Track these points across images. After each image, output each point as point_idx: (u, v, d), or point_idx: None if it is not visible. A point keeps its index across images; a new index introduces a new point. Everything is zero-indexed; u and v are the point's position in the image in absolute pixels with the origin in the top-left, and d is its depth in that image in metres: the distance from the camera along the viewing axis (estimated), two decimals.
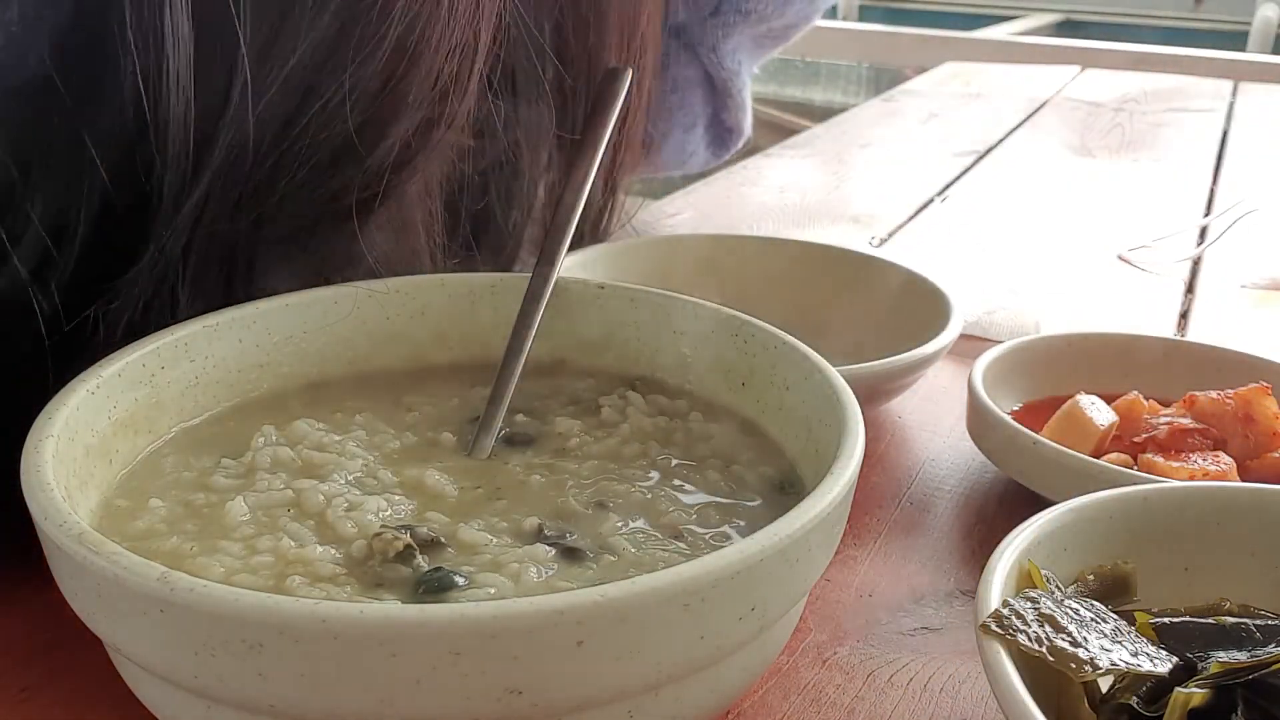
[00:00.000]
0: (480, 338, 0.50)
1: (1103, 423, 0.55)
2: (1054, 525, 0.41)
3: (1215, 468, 0.51)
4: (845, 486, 0.36)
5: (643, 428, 0.45)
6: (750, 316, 0.47)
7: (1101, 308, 0.85)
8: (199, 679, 0.31)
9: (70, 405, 0.39)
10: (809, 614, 0.46)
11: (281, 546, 0.37)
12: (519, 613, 0.29)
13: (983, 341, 0.66)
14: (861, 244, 0.96)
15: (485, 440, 0.44)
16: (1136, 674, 0.34)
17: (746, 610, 0.32)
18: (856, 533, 0.52)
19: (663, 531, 0.39)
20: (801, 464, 0.43)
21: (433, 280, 0.51)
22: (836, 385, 0.41)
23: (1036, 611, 0.36)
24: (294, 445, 0.43)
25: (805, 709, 0.41)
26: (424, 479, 0.41)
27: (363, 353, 0.49)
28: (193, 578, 0.30)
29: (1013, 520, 0.41)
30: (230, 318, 0.46)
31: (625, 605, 0.30)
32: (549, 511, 0.40)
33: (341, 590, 0.35)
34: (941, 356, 0.61)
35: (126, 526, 0.38)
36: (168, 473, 0.42)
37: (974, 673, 0.43)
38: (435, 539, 0.38)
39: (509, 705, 0.30)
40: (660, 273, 0.70)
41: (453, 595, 0.35)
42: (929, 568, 0.50)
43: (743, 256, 0.73)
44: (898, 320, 0.67)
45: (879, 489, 0.57)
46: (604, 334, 0.50)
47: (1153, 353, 0.63)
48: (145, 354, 0.43)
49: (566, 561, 0.37)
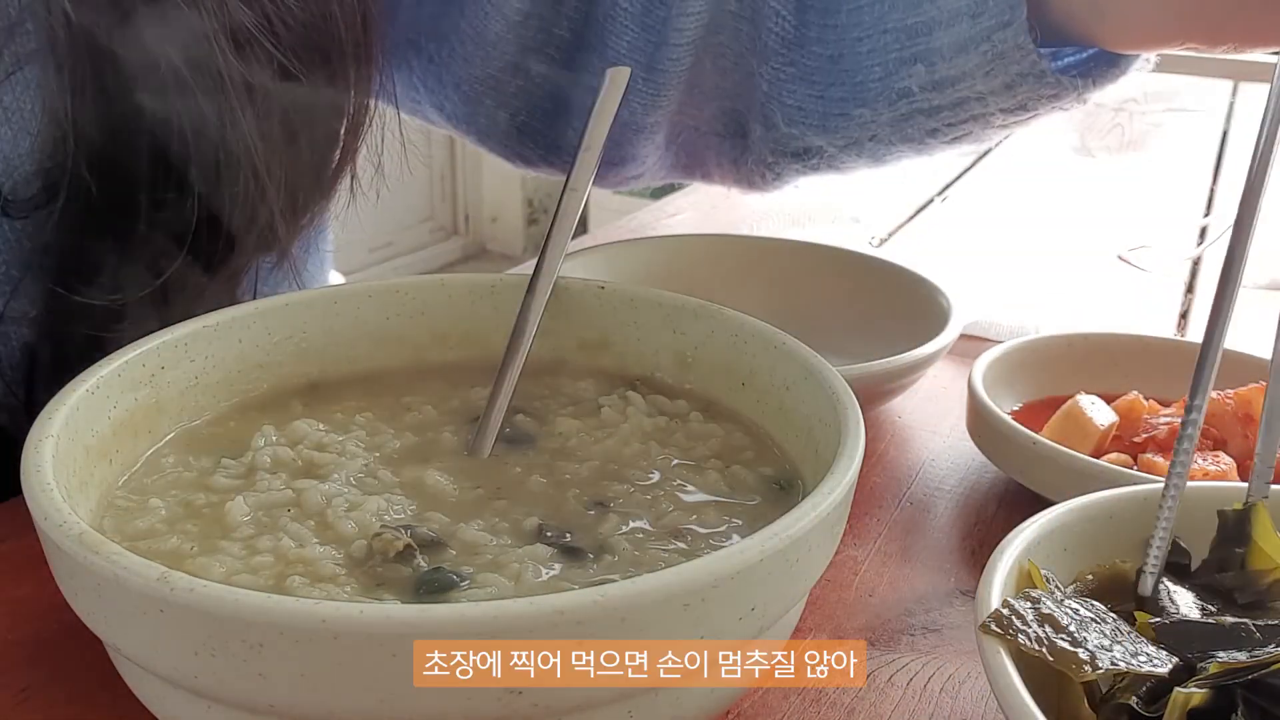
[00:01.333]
0: (480, 338, 0.50)
1: (1103, 423, 0.55)
2: (1054, 525, 0.41)
3: (1215, 468, 0.51)
4: (845, 486, 0.35)
5: (643, 428, 0.45)
6: (750, 316, 0.47)
7: (1101, 308, 0.85)
8: (199, 679, 0.31)
9: (70, 405, 0.39)
10: (809, 614, 0.46)
11: (281, 546, 0.37)
12: (519, 613, 0.29)
13: (983, 341, 0.66)
14: (861, 244, 0.96)
15: (485, 440, 0.44)
16: (1136, 674, 0.34)
17: (746, 610, 0.32)
18: (856, 533, 0.52)
19: (663, 531, 0.39)
20: (801, 464, 0.43)
21: (433, 280, 0.51)
22: (836, 385, 0.41)
23: (1036, 611, 0.36)
24: (294, 445, 0.43)
25: (805, 709, 0.41)
26: (424, 479, 0.41)
27: (363, 353, 0.49)
28: (193, 578, 0.30)
29: (1013, 520, 0.41)
30: (230, 317, 0.46)
31: (625, 605, 0.30)
32: (549, 511, 0.40)
33: (341, 590, 0.35)
34: (941, 356, 0.61)
35: (126, 526, 0.38)
36: (168, 473, 0.42)
37: (974, 673, 0.43)
38: (435, 539, 0.38)
39: (509, 705, 0.30)
40: (660, 273, 0.70)
41: (453, 595, 0.35)
42: (929, 568, 0.50)
43: (743, 256, 0.73)
44: (898, 320, 0.67)
45: (879, 489, 0.57)
46: (604, 334, 0.50)
47: (1153, 353, 0.63)
48: (145, 354, 0.43)
49: (566, 561, 0.37)
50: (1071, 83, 0.55)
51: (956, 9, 0.53)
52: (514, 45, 0.61)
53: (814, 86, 0.58)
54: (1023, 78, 0.54)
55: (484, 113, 0.64)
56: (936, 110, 0.56)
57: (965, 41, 0.53)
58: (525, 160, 0.68)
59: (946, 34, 0.54)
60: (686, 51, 0.59)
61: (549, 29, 0.61)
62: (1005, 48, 0.52)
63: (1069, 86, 0.55)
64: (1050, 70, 0.54)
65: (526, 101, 0.64)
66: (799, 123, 0.60)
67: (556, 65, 0.62)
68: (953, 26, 0.53)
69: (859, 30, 0.56)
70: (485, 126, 0.66)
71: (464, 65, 0.62)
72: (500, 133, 0.66)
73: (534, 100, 0.64)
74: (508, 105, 0.64)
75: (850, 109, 0.58)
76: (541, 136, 0.65)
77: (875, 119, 0.58)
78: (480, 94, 0.63)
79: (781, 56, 0.58)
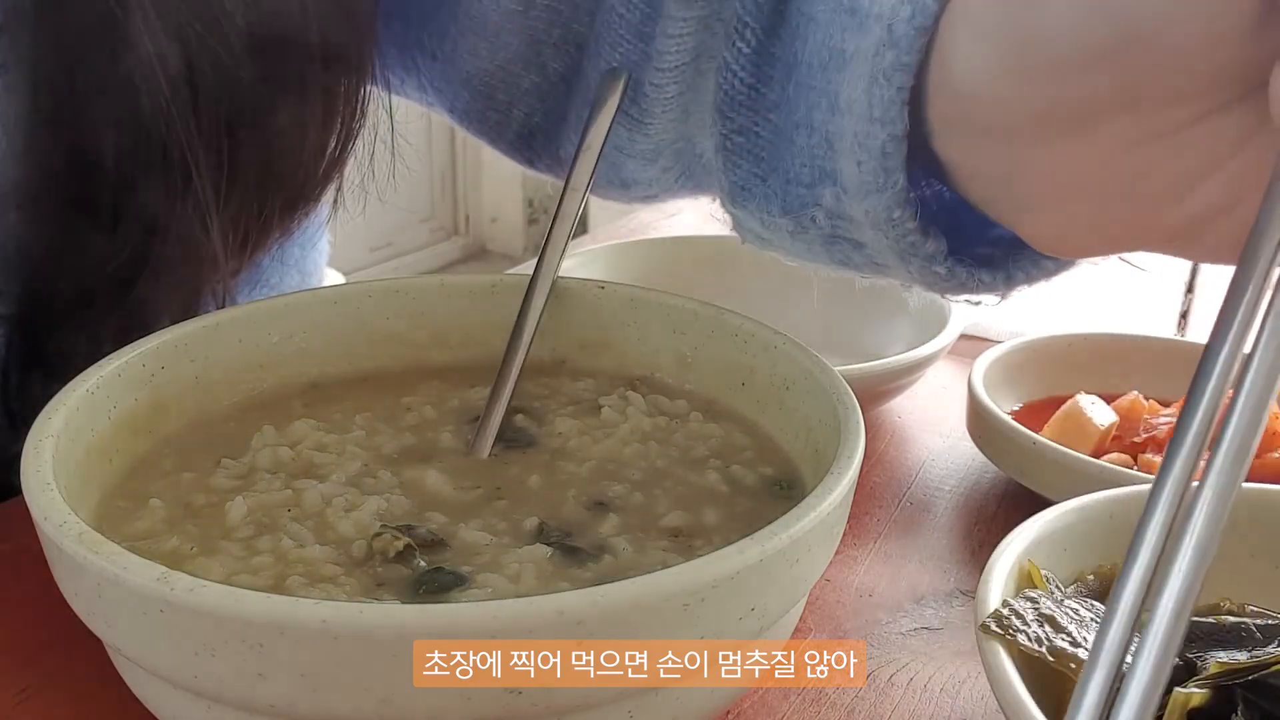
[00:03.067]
0: (480, 338, 0.50)
1: (1103, 423, 0.55)
2: (1054, 525, 0.41)
3: None
4: (845, 486, 0.35)
5: (642, 428, 0.45)
6: (751, 316, 0.47)
7: (1101, 308, 0.85)
8: (199, 679, 0.31)
9: (70, 405, 0.39)
10: (809, 614, 0.46)
11: (281, 547, 0.37)
12: (519, 613, 0.29)
13: (983, 341, 0.66)
14: None
15: (485, 440, 0.44)
16: None
17: (746, 610, 0.32)
18: (856, 533, 0.52)
19: (663, 531, 0.39)
20: (801, 464, 0.43)
21: (433, 280, 0.51)
22: (836, 385, 0.41)
23: (1036, 611, 0.36)
24: (294, 445, 0.43)
25: (805, 709, 0.41)
26: (424, 479, 0.41)
27: (363, 353, 0.49)
28: (193, 578, 0.30)
29: (1013, 520, 0.41)
30: (230, 317, 0.46)
31: (625, 605, 0.30)
32: (549, 511, 0.40)
33: (341, 590, 0.35)
34: (941, 356, 0.61)
35: (126, 526, 0.38)
36: (168, 473, 0.42)
37: (974, 673, 0.43)
38: (435, 539, 0.38)
39: (509, 705, 0.30)
40: (660, 273, 0.70)
41: (452, 595, 0.35)
42: (929, 568, 0.50)
43: (743, 256, 0.73)
44: (898, 320, 0.67)
45: (879, 489, 0.57)
46: (604, 334, 0.50)
47: (1153, 353, 0.63)
48: (145, 354, 0.43)
49: (566, 561, 0.37)
50: (983, 278, 0.42)
51: (848, 136, 0.40)
52: (521, 36, 0.60)
53: (759, 165, 0.47)
54: (910, 256, 0.41)
55: (496, 108, 0.64)
56: (859, 246, 0.44)
57: (858, 186, 0.40)
58: (532, 161, 0.67)
59: (846, 165, 0.41)
60: (671, 78, 0.52)
61: (565, 23, 0.59)
62: (880, 218, 0.40)
63: (982, 283, 0.42)
64: (937, 256, 0.41)
65: (541, 100, 0.63)
66: (741, 205, 0.49)
67: (572, 61, 0.60)
68: (847, 159, 0.41)
69: (796, 115, 0.44)
70: (497, 122, 0.65)
71: (471, 58, 0.61)
72: (513, 131, 0.65)
73: (549, 99, 0.63)
74: (522, 102, 0.63)
75: (776, 215, 0.47)
76: (549, 140, 0.65)
77: (805, 231, 0.46)
78: (492, 88, 0.63)
79: (730, 121, 0.48)
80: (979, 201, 0.40)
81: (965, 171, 0.39)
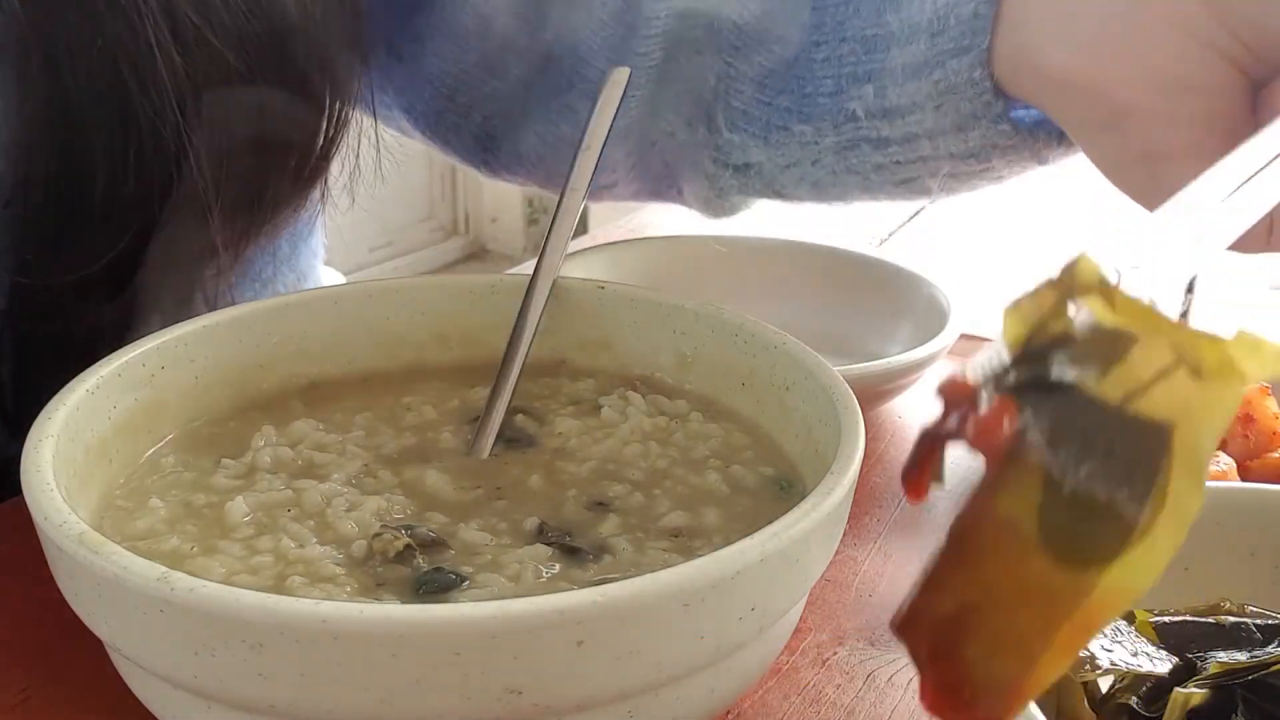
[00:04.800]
0: (480, 338, 0.50)
1: None
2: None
3: (1215, 468, 0.51)
4: (845, 486, 0.35)
5: (642, 428, 0.45)
6: (750, 316, 0.47)
7: None
8: (199, 679, 0.31)
9: (70, 405, 0.39)
10: (809, 614, 0.46)
11: (281, 546, 0.37)
12: (519, 613, 0.29)
13: (983, 341, 0.66)
14: (861, 244, 0.96)
15: (485, 440, 0.44)
16: (1136, 674, 0.34)
17: (746, 610, 0.32)
18: (856, 533, 0.52)
19: (663, 531, 0.39)
20: (801, 464, 0.43)
21: (433, 280, 0.51)
22: (836, 385, 0.41)
23: None
24: (294, 445, 0.43)
25: (805, 709, 0.41)
26: (424, 479, 0.41)
27: (363, 353, 0.49)
28: (193, 578, 0.30)
29: None
30: (230, 317, 0.46)
31: (625, 605, 0.30)
32: (549, 512, 0.40)
33: (341, 590, 0.35)
34: (941, 356, 0.61)
35: (126, 526, 0.38)
36: (168, 473, 0.42)
37: None
38: (435, 539, 0.38)
39: (509, 705, 0.30)
40: (660, 273, 0.70)
41: (453, 595, 0.35)
42: None
43: (743, 256, 0.73)
44: (898, 320, 0.67)
45: (879, 489, 0.57)
46: (604, 334, 0.50)
47: None
48: (145, 354, 0.43)
49: (566, 561, 0.37)
50: (1029, 135, 0.50)
51: (917, 23, 0.50)
52: (490, 41, 0.60)
53: (763, 91, 0.55)
54: (974, 119, 0.49)
55: (455, 110, 0.64)
56: (884, 143, 0.52)
57: (919, 65, 0.49)
58: (489, 167, 0.67)
59: (902, 53, 0.50)
60: (657, 43, 0.56)
61: (533, 32, 0.60)
62: (958, 80, 0.48)
63: (1026, 139, 0.50)
64: (1004, 115, 0.49)
65: (499, 105, 0.63)
66: (741, 129, 0.56)
67: (535, 68, 0.61)
68: (910, 44, 0.50)
69: (819, 34, 0.53)
70: (454, 124, 0.65)
71: (436, 60, 0.61)
72: (469, 136, 0.65)
73: (505, 104, 0.63)
74: (481, 106, 0.63)
75: (793, 123, 0.54)
76: (506, 143, 0.64)
77: (818, 140, 0.54)
78: (454, 90, 0.62)
79: (736, 50, 0.55)
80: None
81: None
